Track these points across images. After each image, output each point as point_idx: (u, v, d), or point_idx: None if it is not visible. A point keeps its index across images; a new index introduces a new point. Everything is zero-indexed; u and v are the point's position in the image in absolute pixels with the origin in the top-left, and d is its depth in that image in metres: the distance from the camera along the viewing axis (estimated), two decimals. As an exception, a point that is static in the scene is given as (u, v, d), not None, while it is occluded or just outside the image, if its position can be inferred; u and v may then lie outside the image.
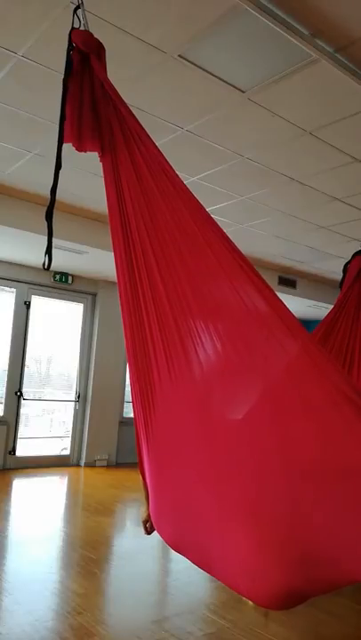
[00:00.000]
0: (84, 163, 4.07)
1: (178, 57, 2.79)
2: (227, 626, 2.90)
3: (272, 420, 1.38)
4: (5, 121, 3.65)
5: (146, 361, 1.57)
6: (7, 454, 6.94)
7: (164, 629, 2.83)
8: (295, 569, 1.30)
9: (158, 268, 1.54)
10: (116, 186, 1.65)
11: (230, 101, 3.18)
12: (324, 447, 1.28)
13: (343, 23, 2.47)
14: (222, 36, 2.60)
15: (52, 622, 2.80)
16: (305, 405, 1.32)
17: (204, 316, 1.49)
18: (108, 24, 2.54)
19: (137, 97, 3.15)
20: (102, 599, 3.25)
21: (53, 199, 1.70)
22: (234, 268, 1.42)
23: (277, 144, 3.70)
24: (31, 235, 5.34)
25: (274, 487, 1.35)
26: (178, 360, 1.50)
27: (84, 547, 4.11)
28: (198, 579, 3.46)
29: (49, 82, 3.07)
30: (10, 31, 2.68)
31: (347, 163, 3.92)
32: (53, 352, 7.76)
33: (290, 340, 1.35)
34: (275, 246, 6.24)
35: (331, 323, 3.04)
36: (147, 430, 1.61)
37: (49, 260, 1.64)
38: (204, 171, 4.22)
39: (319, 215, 5.10)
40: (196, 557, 1.58)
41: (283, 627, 2.91)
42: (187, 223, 1.52)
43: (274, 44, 2.62)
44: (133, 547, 4.28)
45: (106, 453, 7.71)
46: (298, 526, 1.29)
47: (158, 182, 1.56)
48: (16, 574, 3.47)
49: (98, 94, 1.66)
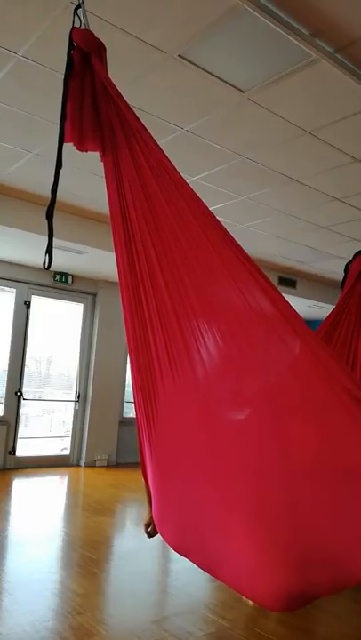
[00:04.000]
0: (84, 162, 4.07)
1: (178, 57, 2.79)
2: (227, 626, 2.90)
3: (275, 420, 1.37)
4: (5, 121, 3.65)
5: (148, 361, 1.56)
6: (7, 454, 6.93)
7: (164, 629, 2.83)
8: (298, 570, 1.30)
9: (160, 268, 1.53)
10: (117, 185, 1.65)
11: (230, 101, 3.18)
12: (327, 447, 1.28)
13: (343, 23, 2.48)
14: (222, 36, 2.60)
15: (52, 622, 2.80)
16: (308, 405, 1.31)
17: (206, 315, 1.48)
18: (108, 24, 2.54)
19: (137, 97, 3.15)
20: (102, 599, 3.25)
21: (54, 199, 1.70)
22: (237, 267, 1.42)
23: (277, 144, 3.70)
24: (31, 235, 5.34)
25: (277, 487, 1.34)
26: (180, 360, 1.49)
27: (84, 547, 4.10)
28: (198, 579, 3.46)
29: (49, 82, 3.07)
30: (10, 31, 2.68)
31: (347, 163, 3.92)
32: (53, 352, 7.76)
33: (294, 339, 1.34)
34: (275, 246, 6.24)
35: (333, 322, 3.04)
36: (149, 431, 1.60)
37: (49, 259, 1.64)
38: (204, 171, 4.22)
39: (319, 215, 5.10)
40: (198, 559, 1.57)
41: (283, 627, 2.91)
42: (189, 222, 1.51)
43: (274, 44, 2.62)
44: (133, 547, 4.27)
45: (106, 453, 7.71)
46: (301, 527, 1.29)
47: (160, 181, 1.56)
48: (16, 574, 3.47)
49: (99, 93, 1.66)
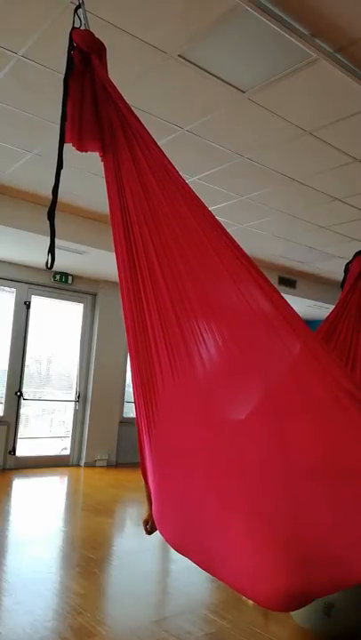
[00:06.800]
0: (84, 163, 4.07)
1: (178, 57, 2.79)
2: (227, 626, 2.90)
3: (275, 420, 1.38)
4: (5, 121, 3.65)
5: (148, 361, 1.57)
6: (7, 454, 6.94)
7: (164, 629, 2.83)
8: (298, 569, 1.30)
9: (160, 268, 1.53)
10: (117, 186, 1.65)
11: (230, 101, 3.18)
12: (327, 446, 1.28)
13: (343, 23, 2.47)
14: (222, 36, 2.60)
15: (52, 622, 2.80)
16: (308, 404, 1.31)
17: (206, 316, 1.48)
18: (108, 24, 2.54)
19: (137, 97, 3.15)
20: (102, 599, 3.25)
21: (55, 199, 1.70)
22: (237, 268, 1.42)
23: (277, 144, 3.70)
24: (31, 235, 5.34)
25: (277, 487, 1.34)
26: (180, 360, 1.49)
27: (84, 547, 4.11)
28: (198, 579, 3.46)
29: (49, 82, 3.07)
30: (10, 31, 2.68)
31: (347, 163, 3.92)
32: (53, 352, 7.76)
33: (293, 340, 1.34)
34: (275, 246, 6.24)
35: (333, 323, 3.03)
36: (149, 430, 1.60)
37: (52, 259, 1.64)
38: (204, 171, 4.22)
39: (319, 215, 5.10)
40: (198, 558, 1.58)
41: (283, 627, 2.91)
42: (189, 222, 1.51)
43: (274, 44, 2.62)
44: (133, 547, 4.28)
45: (106, 453, 7.71)
46: (301, 526, 1.29)
47: (160, 182, 1.56)
48: (16, 574, 3.47)
49: (99, 94, 1.66)
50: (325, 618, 2.15)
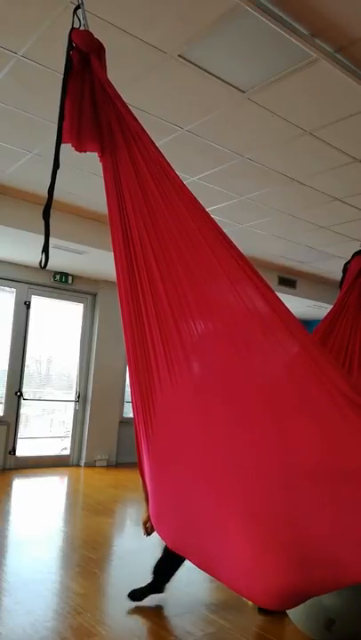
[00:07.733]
0: (84, 163, 4.07)
1: (178, 57, 2.79)
2: (227, 626, 2.90)
3: (272, 421, 1.38)
4: (5, 121, 3.65)
5: (146, 362, 1.57)
6: (7, 454, 6.94)
7: (163, 629, 2.83)
8: (296, 570, 1.30)
9: (158, 269, 1.54)
10: (115, 186, 1.65)
11: (230, 101, 3.18)
12: (324, 448, 1.28)
13: (343, 23, 2.47)
14: (222, 36, 2.60)
15: (52, 622, 2.80)
16: (305, 406, 1.31)
17: (204, 317, 1.49)
18: (107, 24, 2.54)
19: (137, 97, 3.15)
20: (102, 599, 3.25)
21: (51, 199, 1.70)
22: (234, 269, 1.42)
23: (277, 144, 3.70)
24: (31, 235, 5.34)
25: (275, 488, 1.34)
26: (178, 361, 1.49)
27: (84, 547, 4.11)
28: (198, 579, 3.46)
29: (49, 82, 3.07)
30: (10, 31, 2.68)
31: (347, 163, 3.92)
32: (53, 352, 7.76)
33: (290, 341, 1.35)
34: (275, 246, 6.24)
35: (331, 322, 3.04)
36: (147, 431, 1.61)
37: (46, 258, 1.64)
38: (204, 171, 4.22)
39: (319, 215, 5.10)
40: (196, 558, 1.58)
41: (283, 627, 2.91)
42: (186, 223, 1.52)
43: (274, 44, 2.62)
44: (133, 547, 4.28)
45: (106, 453, 7.71)
46: (299, 527, 1.29)
47: (158, 183, 1.56)
48: (16, 574, 3.47)
49: (98, 94, 1.66)
50: (327, 633, 2.18)
